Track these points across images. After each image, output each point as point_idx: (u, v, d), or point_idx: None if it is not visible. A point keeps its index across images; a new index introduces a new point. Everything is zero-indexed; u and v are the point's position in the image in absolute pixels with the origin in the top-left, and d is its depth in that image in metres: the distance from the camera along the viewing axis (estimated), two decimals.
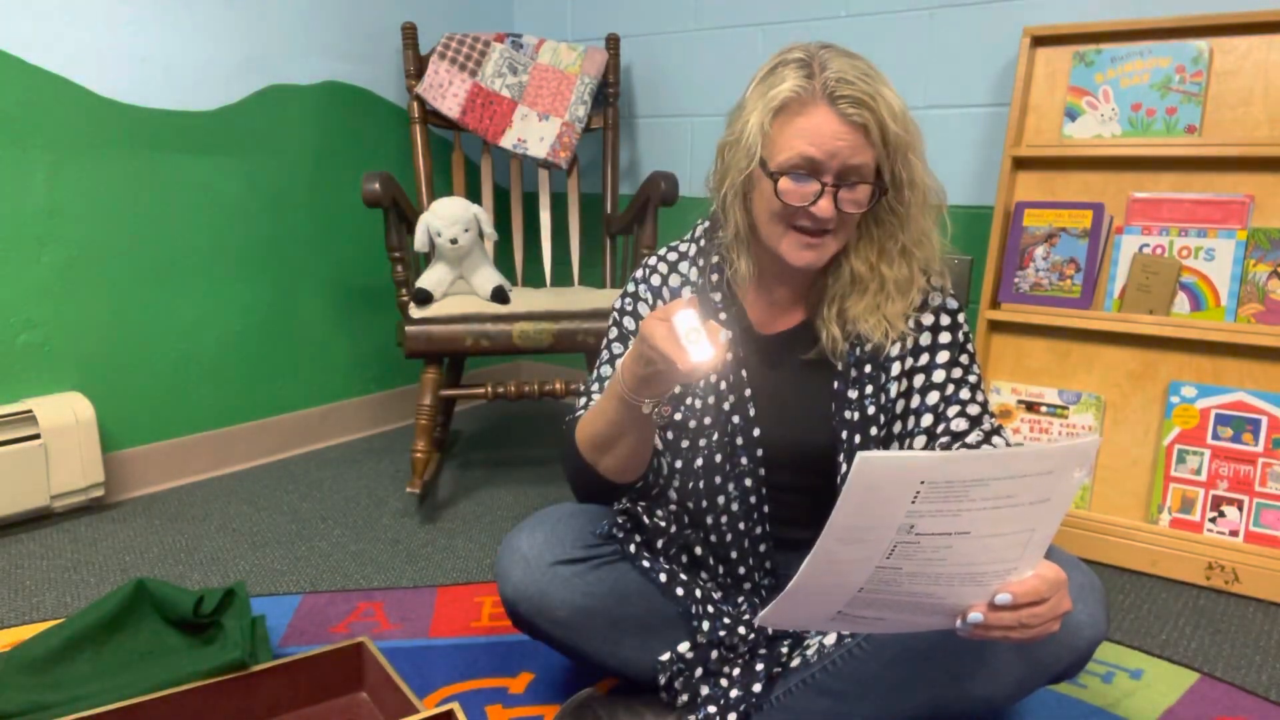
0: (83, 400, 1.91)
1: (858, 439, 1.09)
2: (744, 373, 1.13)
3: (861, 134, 0.99)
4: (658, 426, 1.10)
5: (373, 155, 2.45)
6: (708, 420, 1.13)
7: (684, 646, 1.13)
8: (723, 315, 1.15)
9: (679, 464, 1.15)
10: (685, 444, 1.14)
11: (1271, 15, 1.66)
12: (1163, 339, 1.74)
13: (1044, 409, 1.85)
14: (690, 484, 1.14)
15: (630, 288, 1.22)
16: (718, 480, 1.13)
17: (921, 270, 1.10)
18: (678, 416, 1.14)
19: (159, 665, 1.24)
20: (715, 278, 1.16)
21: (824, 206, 1.01)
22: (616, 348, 1.20)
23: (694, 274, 1.18)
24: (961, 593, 0.83)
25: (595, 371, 1.22)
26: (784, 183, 1.02)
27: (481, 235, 2.02)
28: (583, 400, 1.20)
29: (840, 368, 1.11)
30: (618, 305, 1.22)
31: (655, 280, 1.20)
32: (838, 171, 1.01)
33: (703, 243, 1.19)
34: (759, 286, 1.16)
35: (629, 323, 1.20)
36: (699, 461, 1.13)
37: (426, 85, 2.28)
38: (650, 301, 1.19)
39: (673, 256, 1.21)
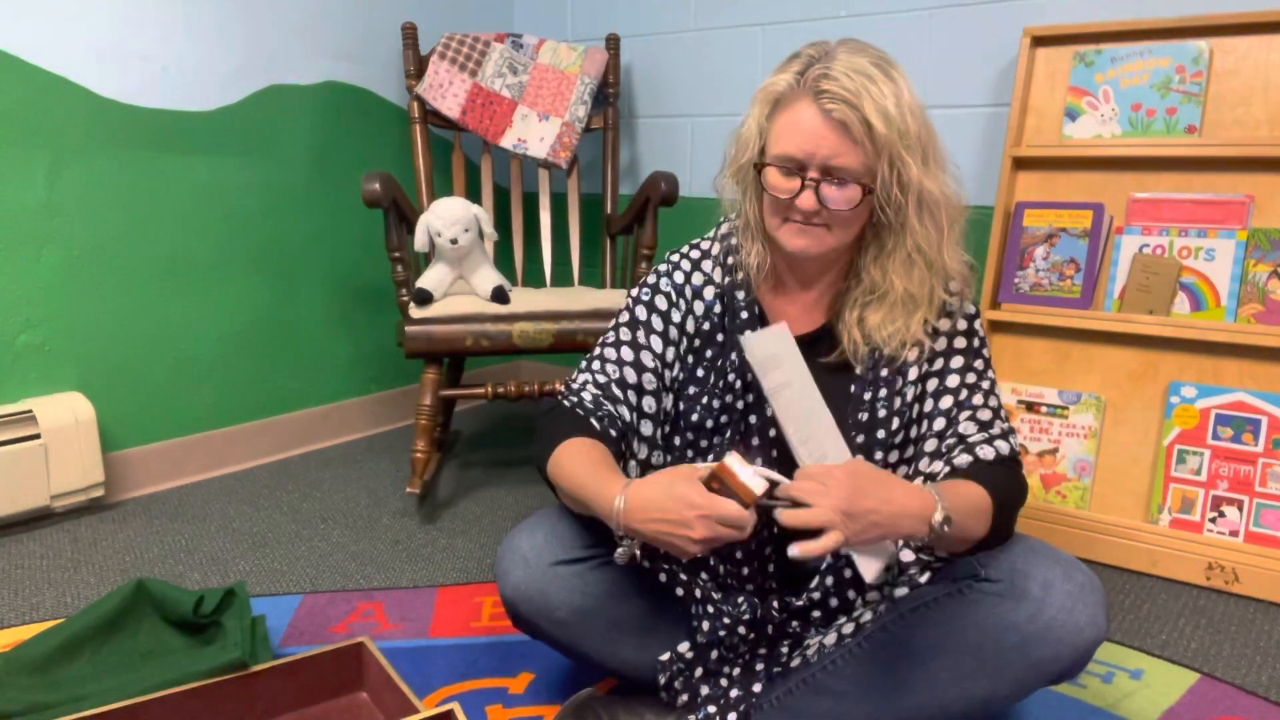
0: (83, 400, 1.90)
1: (862, 439, 1.09)
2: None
3: (841, 131, 0.99)
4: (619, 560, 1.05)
5: (373, 155, 2.45)
6: (724, 419, 1.13)
7: (684, 646, 1.13)
8: (744, 315, 1.15)
9: (697, 462, 1.14)
10: (704, 444, 1.14)
11: (1271, 15, 1.66)
12: (1163, 339, 1.74)
13: (1044, 409, 1.85)
14: None
15: (652, 279, 1.20)
16: None
17: (941, 281, 1.09)
18: (694, 418, 1.14)
19: (159, 665, 1.24)
20: (739, 276, 1.16)
21: (805, 200, 1.02)
22: (625, 333, 1.17)
23: (718, 274, 1.18)
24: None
25: (598, 349, 1.19)
26: (771, 176, 1.04)
27: (481, 235, 2.02)
28: (581, 377, 1.17)
29: (859, 370, 1.11)
30: (634, 293, 1.20)
31: (679, 278, 1.18)
32: (820, 167, 1.01)
33: (728, 241, 1.18)
34: (777, 285, 1.16)
35: (641, 311, 1.18)
36: (711, 459, 1.13)
37: (426, 85, 2.28)
38: (672, 298, 1.17)
39: (695, 255, 1.20)
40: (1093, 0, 1.87)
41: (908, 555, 1.07)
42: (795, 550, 0.90)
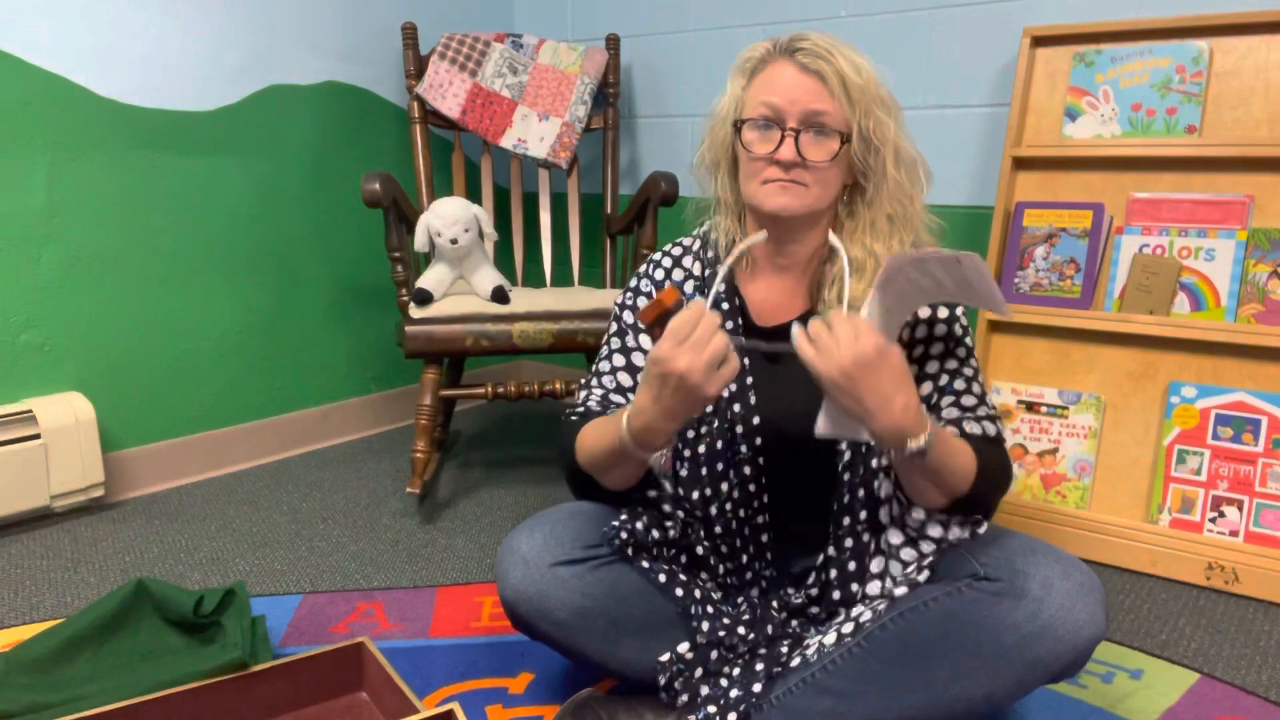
0: (83, 400, 1.91)
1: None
2: (746, 360, 1.14)
3: (818, 81, 1.04)
4: (663, 476, 1.12)
5: (373, 155, 2.45)
6: (709, 409, 1.13)
7: (684, 647, 1.13)
8: (724, 305, 1.15)
9: (686, 452, 1.15)
10: (690, 433, 1.15)
11: (1271, 15, 1.66)
12: (1163, 339, 1.74)
13: (1044, 409, 1.85)
14: (690, 472, 1.15)
15: (633, 282, 1.24)
16: (719, 467, 1.14)
17: (913, 244, 1.11)
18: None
19: (159, 665, 1.24)
20: (720, 268, 1.17)
21: (785, 150, 1.04)
22: (615, 342, 1.21)
23: (697, 268, 1.19)
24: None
25: (595, 366, 1.23)
26: (749, 134, 1.07)
27: (481, 235, 2.02)
28: (582, 394, 1.20)
29: None
30: (619, 300, 1.24)
31: (659, 275, 1.22)
32: (799, 118, 1.04)
33: (708, 236, 1.21)
34: (756, 273, 1.17)
35: (627, 316, 1.22)
36: (700, 449, 1.14)
37: (426, 85, 2.28)
38: (652, 296, 1.20)
39: (677, 251, 1.23)
40: (1093, 0, 1.87)
41: (908, 554, 1.07)
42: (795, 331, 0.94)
